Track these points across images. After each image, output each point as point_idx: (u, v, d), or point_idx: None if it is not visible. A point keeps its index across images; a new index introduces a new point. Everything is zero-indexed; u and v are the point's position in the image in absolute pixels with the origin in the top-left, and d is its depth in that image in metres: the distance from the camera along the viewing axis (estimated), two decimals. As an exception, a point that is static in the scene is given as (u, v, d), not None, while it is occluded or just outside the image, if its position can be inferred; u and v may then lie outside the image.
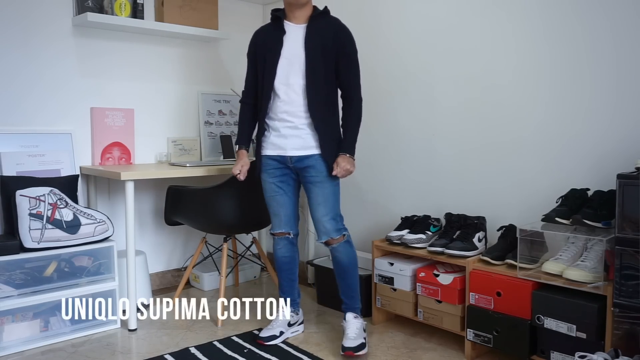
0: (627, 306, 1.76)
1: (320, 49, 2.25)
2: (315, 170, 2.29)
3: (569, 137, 2.21)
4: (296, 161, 2.32)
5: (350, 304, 2.39)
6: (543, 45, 2.27)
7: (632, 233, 1.73)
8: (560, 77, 2.23)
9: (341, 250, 2.34)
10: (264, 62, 2.33)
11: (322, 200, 2.31)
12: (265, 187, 2.41)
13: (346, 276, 2.38)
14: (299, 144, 2.30)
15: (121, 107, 3.03)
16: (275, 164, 2.36)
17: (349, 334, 2.29)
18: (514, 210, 2.40)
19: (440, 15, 2.64)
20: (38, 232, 2.34)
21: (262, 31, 2.40)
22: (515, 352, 2.06)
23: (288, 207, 2.40)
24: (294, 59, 2.27)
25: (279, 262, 2.48)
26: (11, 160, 2.57)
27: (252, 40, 2.42)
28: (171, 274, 3.31)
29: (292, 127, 2.30)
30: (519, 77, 2.36)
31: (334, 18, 2.33)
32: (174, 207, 2.79)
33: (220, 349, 2.33)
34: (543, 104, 2.28)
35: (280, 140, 2.32)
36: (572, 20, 2.17)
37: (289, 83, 2.27)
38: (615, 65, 2.07)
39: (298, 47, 2.27)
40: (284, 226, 2.42)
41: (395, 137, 2.88)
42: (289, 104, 2.28)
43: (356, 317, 2.36)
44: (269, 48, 2.31)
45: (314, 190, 2.31)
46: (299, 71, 2.26)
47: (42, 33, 2.73)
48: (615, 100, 2.07)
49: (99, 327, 2.54)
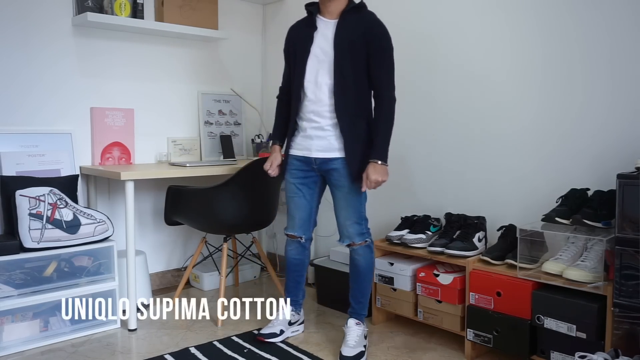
0: (627, 306, 1.76)
1: (348, 45, 2.14)
2: (339, 174, 2.22)
3: (569, 137, 2.21)
4: (320, 163, 2.25)
5: (357, 309, 2.34)
6: (543, 46, 2.27)
7: (632, 233, 1.73)
8: (559, 77, 2.22)
9: (361, 254, 2.29)
10: (294, 60, 2.28)
11: (345, 205, 2.24)
12: (287, 187, 2.38)
13: (360, 280, 2.32)
14: (323, 146, 2.23)
15: (121, 107, 3.03)
16: (299, 164, 2.31)
17: (348, 341, 2.25)
18: (514, 210, 2.40)
19: (440, 15, 2.64)
20: (38, 232, 2.34)
21: (296, 27, 2.34)
22: (515, 352, 2.06)
23: (304, 210, 2.36)
24: (323, 56, 2.18)
25: (288, 263, 2.47)
26: (11, 160, 2.57)
27: (287, 37, 2.37)
28: (171, 274, 3.31)
29: (317, 128, 2.23)
30: (520, 77, 2.36)
31: (368, 12, 2.20)
32: (174, 207, 2.79)
33: (220, 349, 2.33)
34: (543, 104, 2.28)
35: (306, 141, 2.27)
36: (574, 19, 2.17)
37: (317, 82, 2.19)
38: (615, 65, 2.07)
39: (328, 44, 2.18)
40: (297, 229, 2.39)
41: (395, 137, 2.88)
42: (316, 104, 2.21)
43: (358, 324, 2.31)
44: (300, 45, 2.26)
45: (337, 194, 2.26)
46: (327, 70, 2.17)
47: (42, 33, 2.73)
48: (614, 101, 2.07)
49: (99, 327, 2.54)
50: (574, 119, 2.19)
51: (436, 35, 2.66)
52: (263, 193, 2.67)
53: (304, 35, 2.26)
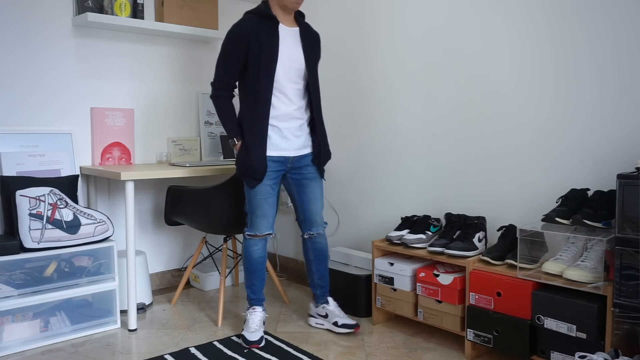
0: (627, 306, 1.76)
1: (312, 54, 2.41)
2: (312, 167, 2.48)
3: (569, 137, 2.21)
4: (296, 161, 2.44)
5: (326, 289, 2.61)
6: (543, 46, 2.27)
7: (632, 233, 1.73)
8: (559, 77, 2.23)
9: (324, 238, 2.58)
10: (258, 62, 2.27)
11: (319, 195, 2.52)
12: (259, 190, 2.35)
13: (325, 262, 2.60)
14: (300, 144, 2.44)
15: (121, 107, 3.03)
16: (275, 165, 2.37)
17: (341, 314, 2.53)
18: (514, 210, 2.40)
19: (441, 15, 2.64)
20: (38, 232, 2.34)
21: (253, 25, 2.28)
22: (515, 352, 2.06)
23: (275, 208, 2.45)
24: (292, 63, 2.34)
25: (256, 263, 2.44)
26: (11, 160, 2.58)
27: (243, 32, 2.27)
28: (171, 274, 3.31)
29: (295, 128, 2.40)
30: (519, 77, 2.36)
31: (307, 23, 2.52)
32: (174, 207, 2.80)
33: (220, 349, 2.33)
34: (543, 103, 2.28)
35: (284, 142, 2.38)
36: (572, 21, 2.17)
37: (290, 85, 2.35)
38: (614, 66, 2.07)
39: (297, 51, 2.36)
40: (270, 227, 2.44)
41: (395, 137, 2.88)
42: (289, 106, 2.37)
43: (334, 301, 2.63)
44: (266, 48, 2.27)
45: (312, 185, 2.49)
46: (299, 74, 2.37)
47: (42, 33, 2.73)
48: (615, 101, 2.07)
49: (99, 327, 2.54)
50: (574, 119, 2.19)
51: (436, 35, 2.66)
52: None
53: (268, 38, 2.28)
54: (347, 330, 2.48)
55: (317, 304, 2.61)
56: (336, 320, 2.50)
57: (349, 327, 2.48)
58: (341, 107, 3.16)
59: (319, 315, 2.60)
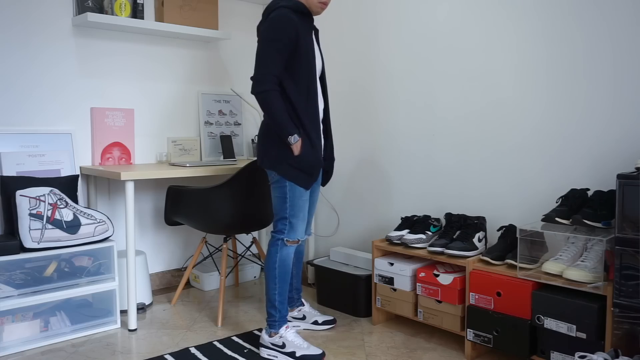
0: (627, 306, 1.76)
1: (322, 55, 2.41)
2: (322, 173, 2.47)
3: (569, 137, 2.21)
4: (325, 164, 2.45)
5: (301, 290, 2.64)
6: (542, 45, 2.27)
7: (632, 233, 1.73)
8: (559, 77, 2.23)
9: (304, 242, 2.58)
10: (307, 56, 2.14)
11: (316, 200, 2.51)
12: (307, 191, 2.22)
13: (301, 265, 2.60)
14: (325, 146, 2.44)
15: (121, 107, 3.03)
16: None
17: (317, 313, 2.59)
18: (514, 210, 2.40)
19: (441, 15, 2.64)
20: (38, 232, 2.34)
21: (297, 19, 2.14)
22: (515, 352, 2.06)
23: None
24: (318, 62, 2.30)
25: (288, 269, 2.25)
26: (11, 160, 2.58)
27: (293, 24, 2.11)
28: (171, 274, 3.31)
29: (323, 131, 2.39)
30: (519, 77, 2.36)
31: None
32: (174, 207, 2.80)
33: (220, 349, 2.33)
34: (542, 103, 2.28)
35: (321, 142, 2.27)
36: (571, 20, 2.18)
37: (318, 85, 2.32)
38: (612, 65, 2.07)
39: (317, 52, 2.32)
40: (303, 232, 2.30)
41: (395, 137, 2.88)
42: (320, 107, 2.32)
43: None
44: (308, 44, 2.16)
45: (315, 190, 2.48)
46: (319, 75, 2.33)
47: (42, 33, 2.73)
48: (614, 100, 2.07)
49: (99, 327, 2.54)
50: (574, 119, 2.20)
51: (437, 35, 2.66)
52: (263, 193, 2.67)
53: (307, 35, 2.18)
54: (330, 326, 2.56)
55: (294, 307, 2.61)
56: (316, 319, 2.54)
57: (330, 323, 2.56)
58: (341, 107, 3.16)
59: (294, 318, 2.59)
